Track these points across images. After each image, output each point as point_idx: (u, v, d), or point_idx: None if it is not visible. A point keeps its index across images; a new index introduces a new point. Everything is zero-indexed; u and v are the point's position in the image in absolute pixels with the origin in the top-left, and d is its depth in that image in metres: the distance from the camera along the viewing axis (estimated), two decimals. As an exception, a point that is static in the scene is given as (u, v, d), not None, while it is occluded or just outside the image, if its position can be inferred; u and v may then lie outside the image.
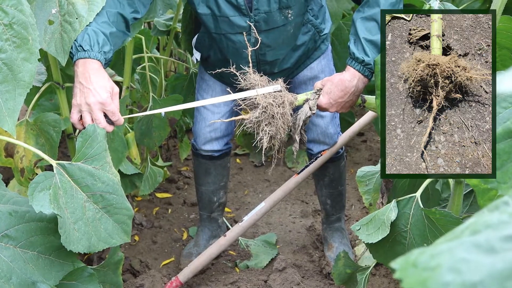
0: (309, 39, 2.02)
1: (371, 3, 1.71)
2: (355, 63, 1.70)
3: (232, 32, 1.90)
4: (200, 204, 2.54)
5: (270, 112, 1.55)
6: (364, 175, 2.05)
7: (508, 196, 0.55)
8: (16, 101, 1.16)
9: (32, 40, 1.18)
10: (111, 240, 1.35)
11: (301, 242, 2.65)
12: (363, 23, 1.72)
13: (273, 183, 3.26)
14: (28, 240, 1.25)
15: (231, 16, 1.85)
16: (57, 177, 1.29)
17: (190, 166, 3.41)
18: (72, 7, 1.51)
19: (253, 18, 1.85)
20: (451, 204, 1.52)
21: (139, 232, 2.73)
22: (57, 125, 1.66)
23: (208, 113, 2.25)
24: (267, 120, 1.56)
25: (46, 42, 1.51)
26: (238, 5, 1.83)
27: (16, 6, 1.15)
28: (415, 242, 1.46)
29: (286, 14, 1.87)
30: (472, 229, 0.51)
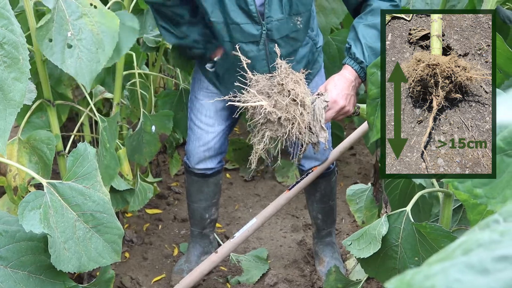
0: (308, 51, 2.05)
1: (374, 12, 1.79)
2: (354, 63, 1.78)
3: (244, 41, 1.90)
4: (191, 221, 2.53)
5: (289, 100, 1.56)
6: (354, 194, 2.07)
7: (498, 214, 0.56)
8: (7, 121, 1.15)
9: (22, 60, 1.18)
10: (101, 259, 1.35)
11: (292, 257, 2.64)
12: (365, 30, 1.79)
13: (264, 198, 3.25)
14: (18, 259, 1.24)
15: (242, 23, 1.86)
16: (48, 196, 1.29)
17: (180, 181, 3.41)
18: (82, 31, 1.62)
19: (265, 26, 1.87)
20: (441, 217, 1.53)
21: (129, 248, 2.71)
22: (50, 142, 1.66)
23: (203, 132, 2.25)
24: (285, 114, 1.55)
25: (66, 64, 1.58)
26: (250, 11, 1.84)
27: (6, 26, 1.15)
28: (406, 256, 1.47)
29: (296, 21, 1.90)
30: (464, 248, 0.51)
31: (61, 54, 1.57)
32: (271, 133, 1.54)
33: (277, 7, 1.84)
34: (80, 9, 1.62)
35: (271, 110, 1.51)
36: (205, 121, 2.24)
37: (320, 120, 1.61)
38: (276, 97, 1.54)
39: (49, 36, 1.56)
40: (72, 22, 1.60)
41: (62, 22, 1.59)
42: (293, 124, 1.53)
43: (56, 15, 1.58)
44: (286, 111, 1.53)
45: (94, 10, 1.65)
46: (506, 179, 0.90)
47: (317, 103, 1.63)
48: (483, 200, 0.94)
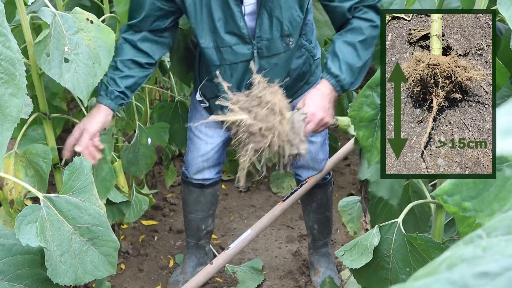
0: (303, 62, 2.07)
1: (355, 30, 1.83)
2: (330, 77, 1.84)
3: (236, 62, 1.93)
4: (187, 232, 2.54)
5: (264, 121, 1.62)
6: (346, 205, 2.09)
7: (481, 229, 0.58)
8: (4, 136, 1.17)
9: (19, 76, 1.20)
10: (97, 272, 1.36)
11: (287, 268, 2.65)
12: (344, 46, 1.84)
13: (259, 209, 3.27)
14: (15, 273, 1.26)
15: (233, 45, 1.90)
16: (44, 209, 1.30)
17: (175, 192, 3.42)
18: (79, 46, 1.64)
19: (255, 45, 1.90)
20: (433, 228, 1.55)
21: (125, 260, 2.72)
22: (46, 156, 1.67)
23: (202, 143, 2.27)
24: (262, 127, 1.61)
25: (63, 78, 1.60)
26: (242, 35, 1.87)
27: (4, 43, 1.16)
28: (398, 267, 1.48)
29: (288, 42, 1.93)
30: (448, 263, 0.53)
31: (59, 69, 1.59)
32: (254, 145, 1.61)
33: (267, 28, 1.87)
34: (77, 24, 1.64)
35: (252, 122, 1.60)
36: (205, 132, 2.26)
37: (299, 132, 1.68)
38: (256, 109, 1.63)
39: (47, 51, 1.58)
40: (69, 37, 1.62)
41: (60, 37, 1.61)
42: (273, 133, 1.60)
43: (54, 30, 1.60)
44: (266, 121, 1.61)
45: (91, 25, 1.67)
46: (493, 193, 0.92)
47: (295, 117, 1.70)
48: (472, 213, 0.96)
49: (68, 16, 1.65)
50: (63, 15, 1.64)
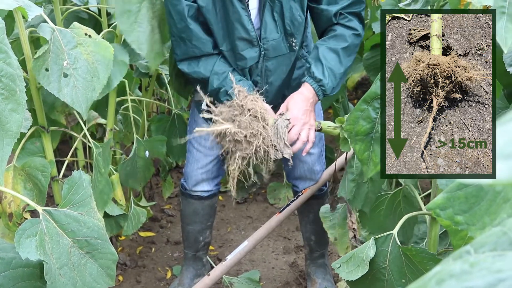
0: (302, 73, 2.10)
1: (338, 37, 1.91)
2: (313, 81, 1.89)
3: (245, 67, 1.99)
4: (185, 243, 2.55)
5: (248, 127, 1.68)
6: (327, 211, 2.12)
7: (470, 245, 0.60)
8: (4, 151, 1.19)
9: (19, 92, 1.22)
10: (96, 284, 1.37)
11: (284, 279, 2.66)
12: (327, 52, 1.90)
13: (256, 220, 3.28)
14: (14, 286, 1.26)
15: (243, 50, 1.95)
16: (44, 223, 1.31)
17: (173, 204, 3.43)
18: (78, 61, 1.66)
19: (262, 47, 1.95)
20: (427, 240, 1.57)
21: (123, 272, 2.73)
22: (45, 169, 1.69)
23: (201, 155, 2.29)
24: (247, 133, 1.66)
25: (62, 92, 1.63)
26: (251, 38, 1.93)
27: (4, 59, 1.18)
28: (393, 278, 1.50)
29: (291, 42, 1.98)
30: (438, 278, 0.55)
31: (58, 83, 1.61)
32: (241, 152, 1.65)
33: (272, 28, 1.93)
34: (76, 39, 1.67)
35: (236, 131, 1.65)
36: (204, 144, 2.28)
37: (283, 137, 1.72)
38: (239, 118, 1.68)
39: (46, 66, 1.60)
40: (68, 51, 1.64)
41: (58, 52, 1.63)
42: (258, 139, 1.64)
43: (53, 45, 1.63)
44: (251, 128, 1.67)
45: (89, 39, 1.69)
46: (484, 207, 0.94)
47: (279, 122, 1.74)
48: (464, 227, 0.98)
49: (67, 31, 1.67)
50: (62, 30, 1.66)
